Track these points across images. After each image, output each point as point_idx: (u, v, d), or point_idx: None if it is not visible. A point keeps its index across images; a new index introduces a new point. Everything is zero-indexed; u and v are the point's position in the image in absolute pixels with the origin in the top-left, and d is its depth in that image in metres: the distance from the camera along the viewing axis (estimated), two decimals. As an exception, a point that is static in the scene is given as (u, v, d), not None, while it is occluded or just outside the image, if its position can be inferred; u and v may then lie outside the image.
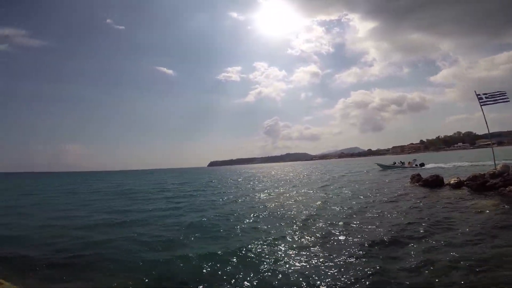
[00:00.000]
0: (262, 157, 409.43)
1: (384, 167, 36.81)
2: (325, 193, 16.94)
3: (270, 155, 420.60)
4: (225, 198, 17.82)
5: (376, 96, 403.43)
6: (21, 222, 12.05)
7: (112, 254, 7.14)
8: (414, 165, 34.66)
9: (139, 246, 7.72)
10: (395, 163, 37.58)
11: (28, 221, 12.10)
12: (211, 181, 36.58)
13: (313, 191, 18.55)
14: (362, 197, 14.56)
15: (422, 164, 34.26)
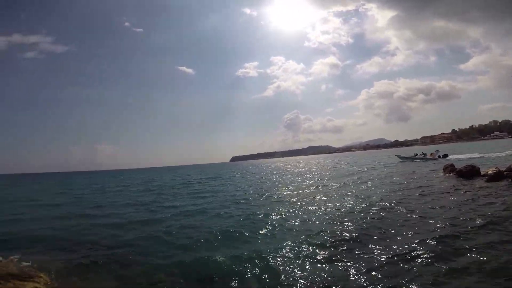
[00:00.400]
0: (282, 151, 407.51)
1: (404, 159, 35.35)
2: (357, 188, 15.95)
3: (290, 149, 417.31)
4: (251, 192, 17.53)
5: (401, 86, 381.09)
6: (56, 219, 12.61)
7: (143, 251, 7.12)
8: (437, 157, 32.91)
9: (165, 244, 7.65)
10: (416, 154, 35.76)
11: (63, 219, 12.64)
12: (235, 176, 36.77)
13: (342, 185, 17.54)
14: (398, 189, 13.60)
15: (445, 155, 32.59)
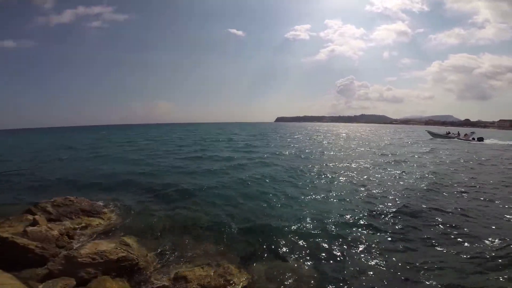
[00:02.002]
0: (332, 116, 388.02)
1: (435, 136, 34.91)
2: (437, 168, 13.24)
3: (341, 115, 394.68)
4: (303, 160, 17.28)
5: (486, 62, 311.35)
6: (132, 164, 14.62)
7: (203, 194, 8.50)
8: (470, 138, 31.80)
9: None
10: (448, 133, 35.00)
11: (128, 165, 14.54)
12: (288, 138, 36.70)
13: (416, 164, 14.36)
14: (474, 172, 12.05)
15: (480, 139, 31.13)
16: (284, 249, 5.20)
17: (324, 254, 5.00)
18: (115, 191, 9.00)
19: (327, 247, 5.25)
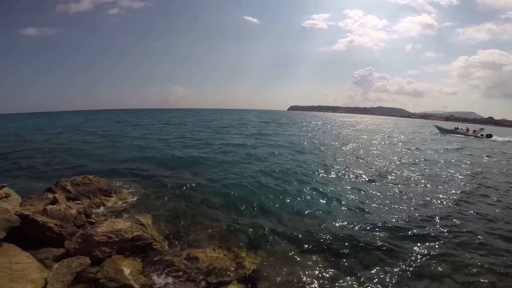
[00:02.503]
0: (347, 107, 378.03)
1: (443, 131, 35.91)
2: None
3: (357, 106, 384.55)
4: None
5: None
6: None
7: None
8: (479, 135, 32.14)
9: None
10: (457, 128, 35.69)
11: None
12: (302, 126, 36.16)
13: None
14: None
15: (489, 135, 31.76)
16: (295, 234, 5.22)
17: (336, 244, 4.95)
18: (131, 172, 9.18)
19: (340, 236, 5.21)
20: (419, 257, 4.55)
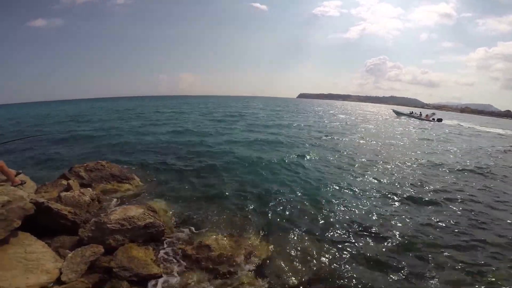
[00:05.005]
0: (358, 96, 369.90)
1: (399, 114, 40.15)
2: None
3: (368, 95, 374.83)
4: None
5: None
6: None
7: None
8: (431, 119, 35.54)
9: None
10: (411, 112, 39.58)
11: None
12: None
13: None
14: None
15: (440, 120, 35.69)
16: (309, 223, 5.25)
17: (352, 235, 4.91)
18: (144, 158, 9.26)
19: (354, 226, 5.19)
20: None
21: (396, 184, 7.65)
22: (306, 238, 4.69)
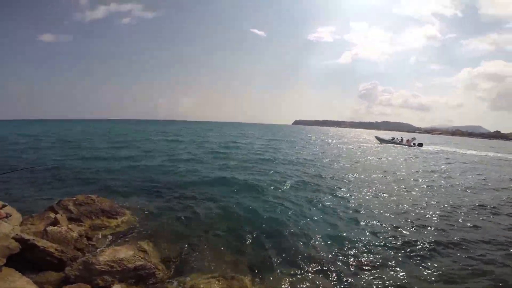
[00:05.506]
0: (352, 122, 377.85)
1: (382, 141, 40.40)
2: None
3: (362, 121, 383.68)
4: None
5: None
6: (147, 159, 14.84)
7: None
8: (412, 144, 36.67)
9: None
10: (393, 138, 40.64)
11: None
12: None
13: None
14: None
15: (420, 144, 36.74)
16: (301, 259, 5.16)
17: (344, 269, 4.87)
18: (135, 190, 9.12)
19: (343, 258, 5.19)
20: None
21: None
22: (302, 275, 4.60)
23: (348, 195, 9.82)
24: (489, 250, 5.80)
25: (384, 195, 10.06)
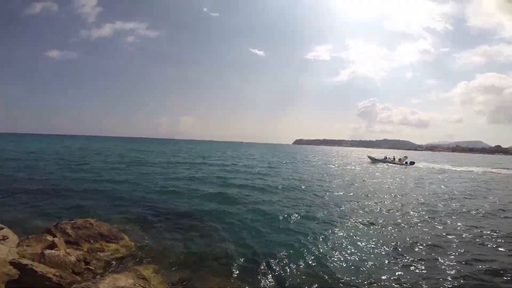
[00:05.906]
0: (352, 140, 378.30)
1: (374, 161, 40.51)
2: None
3: (362, 139, 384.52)
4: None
5: None
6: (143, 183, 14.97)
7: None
8: (404, 162, 36.76)
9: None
10: (386, 157, 40.52)
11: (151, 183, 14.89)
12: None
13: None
14: None
15: (412, 163, 36.72)
16: (306, 282, 5.12)
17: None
18: (134, 214, 9.01)
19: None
20: None
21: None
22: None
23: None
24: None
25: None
